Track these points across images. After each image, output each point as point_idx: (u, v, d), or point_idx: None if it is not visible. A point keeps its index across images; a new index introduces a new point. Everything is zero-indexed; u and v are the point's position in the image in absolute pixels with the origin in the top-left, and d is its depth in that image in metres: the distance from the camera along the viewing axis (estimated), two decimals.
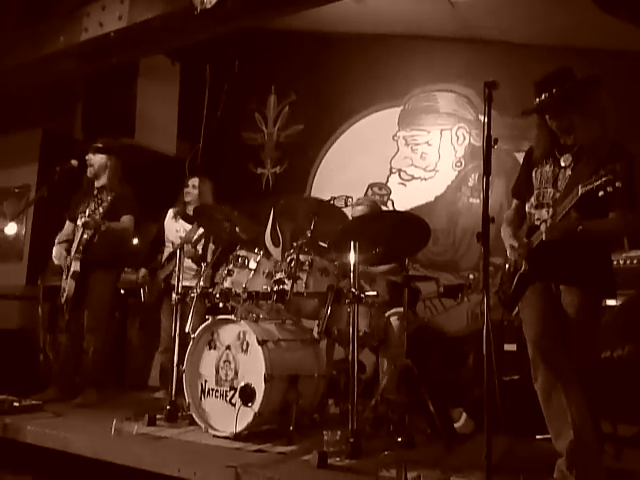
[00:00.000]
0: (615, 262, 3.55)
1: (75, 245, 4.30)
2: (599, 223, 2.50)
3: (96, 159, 4.49)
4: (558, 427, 2.49)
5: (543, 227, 2.48)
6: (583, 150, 2.60)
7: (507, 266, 2.74)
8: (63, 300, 4.29)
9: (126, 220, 4.39)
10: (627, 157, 2.46)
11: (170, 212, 4.87)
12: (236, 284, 3.55)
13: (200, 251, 4.57)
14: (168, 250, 4.76)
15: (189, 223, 4.66)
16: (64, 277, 4.33)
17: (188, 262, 4.51)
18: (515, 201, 2.93)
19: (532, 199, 2.73)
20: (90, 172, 4.49)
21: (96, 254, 4.28)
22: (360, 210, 4.18)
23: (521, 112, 2.77)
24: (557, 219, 2.47)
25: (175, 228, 4.77)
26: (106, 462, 2.95)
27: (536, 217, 2.67)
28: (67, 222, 4.63)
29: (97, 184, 4.51)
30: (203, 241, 4.57)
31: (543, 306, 2.61)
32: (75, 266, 4.23)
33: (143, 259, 4.82)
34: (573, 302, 2.54)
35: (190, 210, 4.74)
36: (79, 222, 4.23)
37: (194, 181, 4.78)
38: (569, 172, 2.61)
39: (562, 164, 2.65)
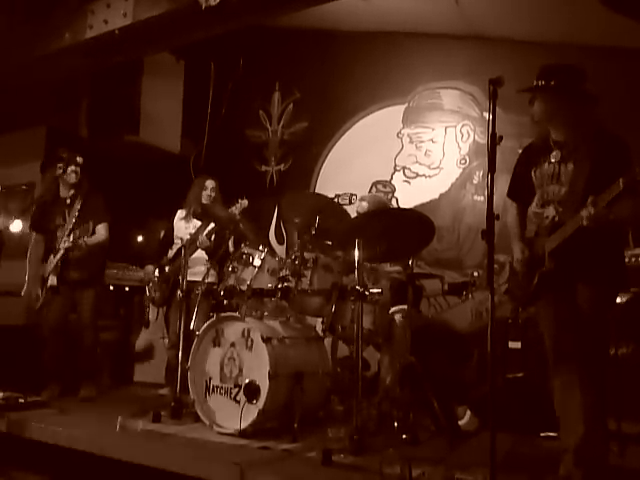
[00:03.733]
0: None
1: (54, 262, 4.39)
2: (623, 209, 2.45)
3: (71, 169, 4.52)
4: (569, 422, 2.49)
5: (585, 213, 2.40)
6: (578, 145, 2.61)
7: (520, 265, 2.73)
8: (38, 306, 4.48)
9: (102, 230, 4.48)
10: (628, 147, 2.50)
11: (180, 213, 4.85)
12: (240, 281, 3.56)
13: (213, 243, 4.58)
14: (177, 247, 4.76)
15: (202, 220, 4.66)
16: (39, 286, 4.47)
17: (202, 254, 4.54)
18: (514, 203, 2.92)
19: (536, 199, 2.73)
20: (73, 177, 4.50)
21: (77, 272, 4.43)
22: (365, 206, 4.19)
23: (516, 90, 2.75)
24: (598, 209, 2.39)
25: (185, 226, 4.76)
26: (111, 458, 2.96)
27: (545, 215, 2.67)
28: (34, 234, 4.74)
29: (67, 194, 4.55)
30: (214, 235, 4.58)
31: (562, 303, 2.61)
32: (52, 280, 4.36)
33: (151, 257, 4.83)
34: (590, 297, 2.53)
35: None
36: (62, 245, 4.33)
37: (212, 184, 4.77)
38: (571, 166, 2.61)
39: (552, 160, 2.66)
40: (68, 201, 4.52)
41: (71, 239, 4.23)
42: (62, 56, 5.10)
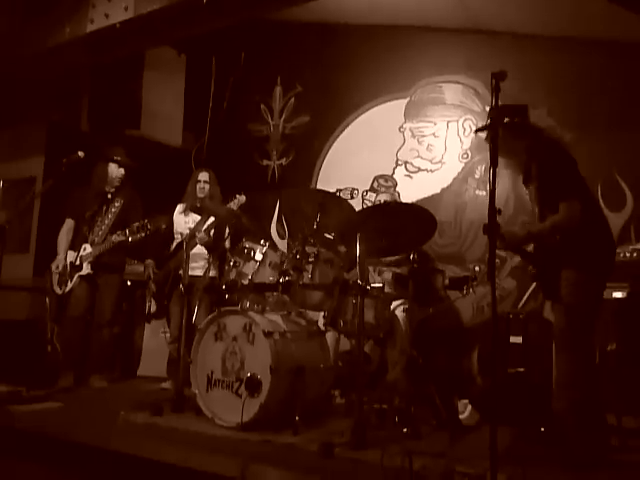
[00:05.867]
0: (622, 254, 3.56)
1: (93, 253, 4.56)
2: (547, 221, 2.77)
3: (121, 170, 4.76)
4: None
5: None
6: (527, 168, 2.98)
7: None
8: (64, 290, 4.57)
9: None
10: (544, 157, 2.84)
11: (179, 207, 4.86)
12: (242, 276, 3.57)
13: (212, 238, 4.59)
14: (177, 242, 4.77)
15: (200, 215, 4.67)
16: (68, 269, 4.59)
17: (201, 249, 4.55)
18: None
19: None
20: (118, 180, 4.75)
21: (105, 258, 4.59)
22: (385, 197, 4.29)
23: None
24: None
25: (184, 220, 4.78)
26: (113, 451, 2.97)
27: None
28: (67, 220, 4.80)
29: (109, 189, 4.75)
30: (214, 230, 4.59)
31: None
32: (87, 268, 4.54)
33: (152, 251, 4.84)
34: (567, 279, 2.71)
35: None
36: (101, 239, 4.58)
37: (204, 176, 4.78)
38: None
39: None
40: (109, 196, 4.73)
41: (127, 232, 4.39)
42: (63, 50, 5.09)
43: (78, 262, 4.55)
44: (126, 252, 4.85)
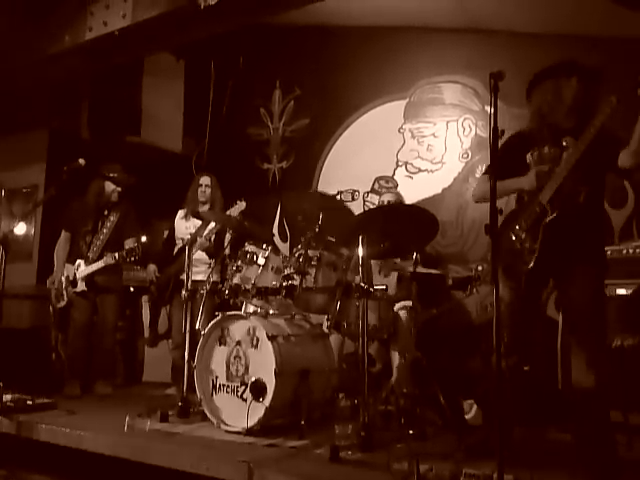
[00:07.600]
0: (625, 251, 3.55)
1: (85, 270, 4.60)
2: None
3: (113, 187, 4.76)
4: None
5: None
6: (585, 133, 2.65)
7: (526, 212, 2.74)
8: (61, 305, 4.67)
9: (131, 244, 4.64)
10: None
11: (180, 212, 4.88)
12: (245, 280, 3.57)
13: (213, 243, 4.59)
14: (179, 247, 4.78)
15: (202, 220, 4.68)
16: (63, 284, 4.65)
17: (202, 255, 4.56)
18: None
19: None
20: (115, 197, 4.75)
21: (102, 278, 4.64)
22: (389, 197, 4.37)
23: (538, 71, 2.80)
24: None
25: (185, 226, 4.79)
26: (119, 458, 2.97)
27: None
28: (63, 232, 4.84)
29: (105, 206, 4.76)
30: (214, 235, 4.59)
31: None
32: (82, 286, 4.59)
33: (155, 257, 4.85)
34: (591, 277, 2.58)
35: (204, 208, 4.76)
36: (96, 256, 4.60)
37: (206, 180, 4.80)
38: (572, 150, 2.65)
39: (564, 144, 2.68)
40: (106, 212, 4.75)
41: (116, 256, 4.43)
42: (62, 58, 5.11)
43: (73, 278, 4.61)
44: (122, 272, 4.91)
